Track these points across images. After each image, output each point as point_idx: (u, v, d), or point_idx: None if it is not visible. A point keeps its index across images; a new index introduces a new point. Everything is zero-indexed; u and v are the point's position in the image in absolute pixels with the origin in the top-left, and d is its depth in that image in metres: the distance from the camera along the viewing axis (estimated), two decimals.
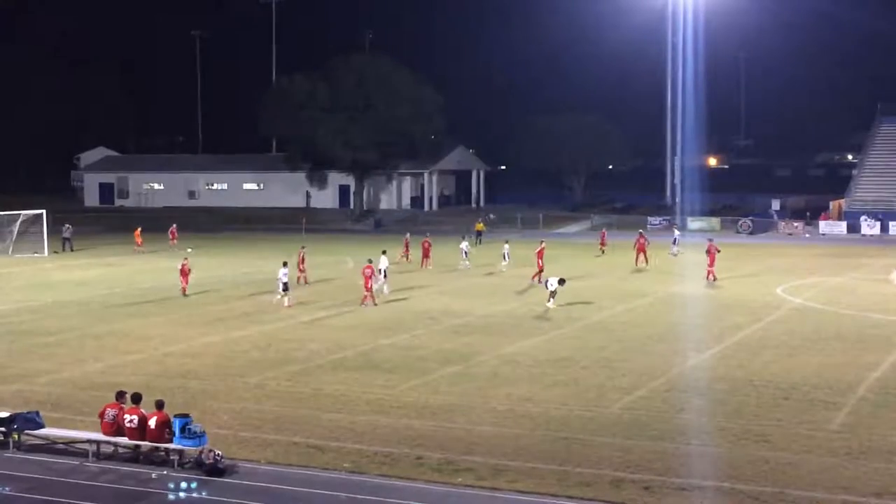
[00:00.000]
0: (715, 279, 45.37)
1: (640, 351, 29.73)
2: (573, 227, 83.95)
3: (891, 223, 74.83)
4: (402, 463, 19.06)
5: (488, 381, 25.82)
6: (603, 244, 59.90)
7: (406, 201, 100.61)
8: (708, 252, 46.15)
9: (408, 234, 56.55)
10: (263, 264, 51.38)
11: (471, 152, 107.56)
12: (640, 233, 54.64)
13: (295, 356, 28.96)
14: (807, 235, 75.34)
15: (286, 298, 37.54)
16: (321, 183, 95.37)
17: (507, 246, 51.45)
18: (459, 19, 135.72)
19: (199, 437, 18.83)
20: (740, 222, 78.57)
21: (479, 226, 69.80)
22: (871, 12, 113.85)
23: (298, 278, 43.46)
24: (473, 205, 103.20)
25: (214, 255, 59.13)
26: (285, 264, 38.35)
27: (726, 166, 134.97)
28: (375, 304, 37.96)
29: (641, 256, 51.48)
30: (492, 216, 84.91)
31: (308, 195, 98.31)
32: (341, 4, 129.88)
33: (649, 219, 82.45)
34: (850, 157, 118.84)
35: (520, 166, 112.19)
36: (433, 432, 21.09)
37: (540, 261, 44.73)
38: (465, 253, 51.83)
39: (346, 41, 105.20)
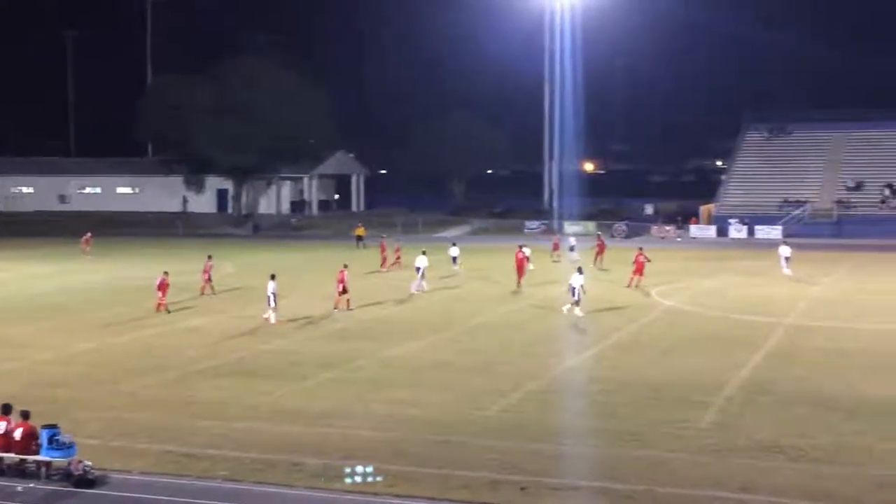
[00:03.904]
0: (637, 287, 44.20)
1: (520, 353, 30.09)
2: (453, 231, 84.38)
3: (756, 227, 77.41)
4: (280, 469, 18.87)
5: (368, 385, 25.78)
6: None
7: (286, 206, 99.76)
8: (635, 261, 45.02)
9: (392, 241, 56.01)
10: (139, 270, 50.19)
11: (351, 157, 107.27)
12: (598, 234, 58.77)
13: (171, 363, 28.39)
14: (678, 239, 77.32)
15: (273, 314, 34.82)
16: (199, 187, 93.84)
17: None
18: (338, 21, 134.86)
19: (67, 447, 18.34)
20: (615, 226, 79.92)
21: (360, 230, 68.96)
22: (738, 23, 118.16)
23: (203, 288, 42.50)
24: (354, 209, 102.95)
25: (87, 262, 57.53)
26: (273, 277, 35.47)
27: (603, 171, 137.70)
28: (350, 309, 37.33)
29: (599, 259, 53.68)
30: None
31: (185, 199, 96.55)
32: (221, 6, 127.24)
33: (527, 223, 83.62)
34: (719, 163, 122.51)
35: (401, 170, 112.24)
36: (311, 438, 20.95)
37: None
38: (455, 259, 51.03)
39: (223, 43, 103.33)
